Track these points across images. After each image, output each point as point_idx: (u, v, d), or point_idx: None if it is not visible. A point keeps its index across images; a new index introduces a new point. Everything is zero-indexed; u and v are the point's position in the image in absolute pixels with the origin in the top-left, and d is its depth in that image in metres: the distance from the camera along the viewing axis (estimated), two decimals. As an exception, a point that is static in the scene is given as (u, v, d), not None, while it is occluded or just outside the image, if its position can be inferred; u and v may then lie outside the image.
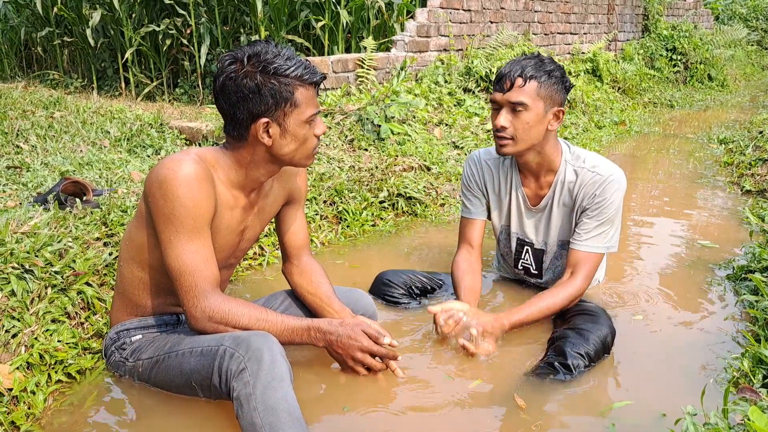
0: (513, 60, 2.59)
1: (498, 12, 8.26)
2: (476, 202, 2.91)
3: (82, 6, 8.17)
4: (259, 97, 2.01)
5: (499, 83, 2.54)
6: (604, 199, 2.61)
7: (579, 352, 2.35)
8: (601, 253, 2.68)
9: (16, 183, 4.02)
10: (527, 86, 2.50)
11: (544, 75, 2.52)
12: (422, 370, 2.39)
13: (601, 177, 2.62)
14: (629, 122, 8.32)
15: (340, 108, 5.47)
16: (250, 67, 2.00)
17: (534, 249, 2.89)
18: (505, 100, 2.53)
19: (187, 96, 8.01)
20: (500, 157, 2.84)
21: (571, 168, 2.70)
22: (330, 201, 4.16)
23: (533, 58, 2.56)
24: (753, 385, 2.12)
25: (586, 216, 2.65)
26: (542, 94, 2.53)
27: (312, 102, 2.09)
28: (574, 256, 2.66)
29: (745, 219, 4.13)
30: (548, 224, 2.80)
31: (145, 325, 2.24)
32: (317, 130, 2.14)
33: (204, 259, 2.02)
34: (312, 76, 2.06)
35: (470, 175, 2.91)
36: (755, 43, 16.31)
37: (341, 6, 7.30)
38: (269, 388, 1.82)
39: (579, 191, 2.67)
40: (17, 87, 7.54)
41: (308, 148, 2.14)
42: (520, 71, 2.50)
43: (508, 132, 2.54)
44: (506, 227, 2.93)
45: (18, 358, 2.24)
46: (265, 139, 2.06)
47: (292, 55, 2.05)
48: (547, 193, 2.75)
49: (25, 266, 2.57)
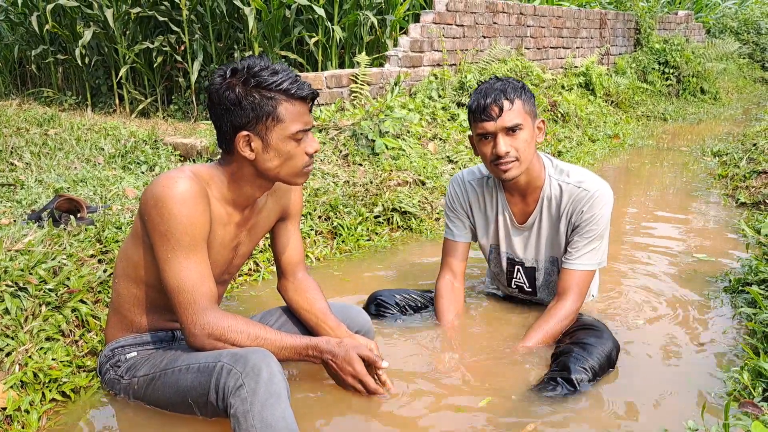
0: (483, 88, 2.58)
1: (491, 27, 8.29)
2: (459, 224, 2.91)
3: (76, 24, 8.18)
4: (240, 110, 2.00)
5: (485, 113, 2.51)
6: (593, 215, 2.61)
7: (583, 367, 2.33)
8: (593, 270, 2.68)
9: (10, 200, 4.00)
10: (515, 107, 2.52)
11: (522, 93, 2.55)
12: (424, 387, 2.37)
13: (588, 192, 2.61)
14: (623, 136, 8.35)
15: (335, 123, 5.47)
16: (235, 79, 2.00)
17: (525, 267, 2.88)
18: (499, 127, 2.52)
19: (181, 112, 8.01)
20: (484, 177, 2.85)
21: (555, 182, 2.69)
22: (325, 216, 4.15)
23: (500, 81, 2.58)
24: (753, 399, 2.11)
25: (576, 234, 2.65)
26: (527, 110, 2.56)
27: (299, 118, 2.04)
28: (568, 276, 2.66)
29: (741, 231, 4.13)
30: (537, 241, 2.79)
31: (140, 342, 2.23)
32: (308, 148, 2.09)
33: (201, 275, 2.01)
34: (299, 91, 2.02)
35: (454, 197, 2.91)
36: (747, 56, 16.39)
37: (334, 22, 7.32)
38: (267, 405, 1.80)
39: (566, 207, 2.66)
40: (11, 104, 7.56)
41: (295, 165, 2.10)
42: (503, 95, 2.51)
43: (512, 155, 2.53)
44: (495, 246, 2.92)
45: (12, 377, 2.22)
46: (247, 152, 2.05)
47: (280, 70, 2.02)
48: (534, 209, 2.75)
49: (19, 284, 2.56)
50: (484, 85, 2.60)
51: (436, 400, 2.28)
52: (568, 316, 2.63)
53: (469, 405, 2.25)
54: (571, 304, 2.63)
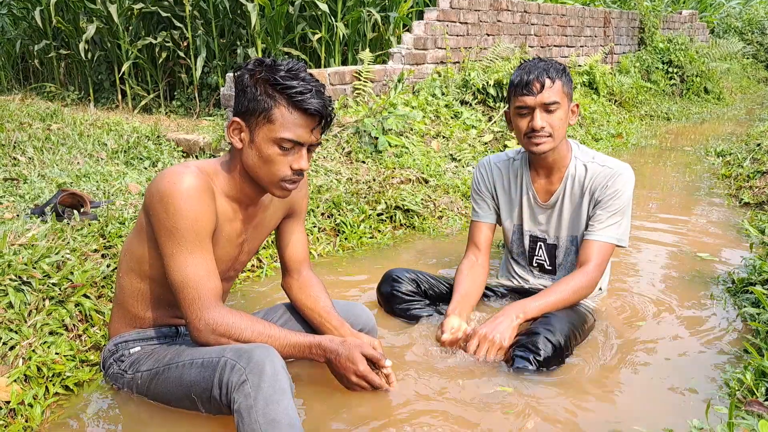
0: (528, 65, 2.69)
1: (495, 25, 8.28)
2: (484, 205, 3.00)
3: (79, 19, 8.18)
4: (243, 97, 2.02)
5: (528, 87, 2.63)
6: (616, 191, 2.71)
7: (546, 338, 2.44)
8: (613, 244, 2.74)
9: (14, 195, 4.00)
10: (555, 86, 2.64)
11: (562, 74, 2.68)
12: (428, 382, 2.37)
13: (611, 170, 2.73)
14: (626, 135, 8.33)
15: (338, 120, 5.46)
16: (255, 69, 2.01)
17: (547, 244, 2.94)
18: (538, 103, 2.63)
19: (183, 108, 8.01)
20: (510, 159, 2.96)
21: (581, 163, 2.80)
22: (328, 213, 4.14)
23: (544, 61, 2.70)
24: (756, 398, 2.11)
25: (599, 208, 2.73)
26: (565, 91, 2.68)
27: (292, 128, 1.99)
28: (588, 246, 2.73)
29: (745, 231, 4.13)
30: (559, 219, 2.87)
31: (144, 337, 2.22)
32: (294, 163, 2.04)
33: (206, 271, 2.01)
34: (302, 102, 1.97)
35: (480, 179, 3.01)
36: (751, 56, 16.38)
37: (338, 19, 7.31)
38: (271, 400, 1.80)
39: (589, 184, 2.76)
40: (14, 99, 7.55)
41: (273, 172, 2.04)
42: (546, 73, 2.63)
43: (546, 130, 2.65)
44: (519, 226, 2.98)
45: (15, 371, 2.22)
46: (235, 140, 2.05)
47: (301, 77, 1.98)
48: (558, 188, 2.83)
49: (22, 278, 2.56)
50: (529, 62, 2.71)
51: (438, 395, 2.28)
52: (584, 285, 2.69)
53: (475, 397, 2.25)
54: (589, 273, 2.69)
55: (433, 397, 2.28)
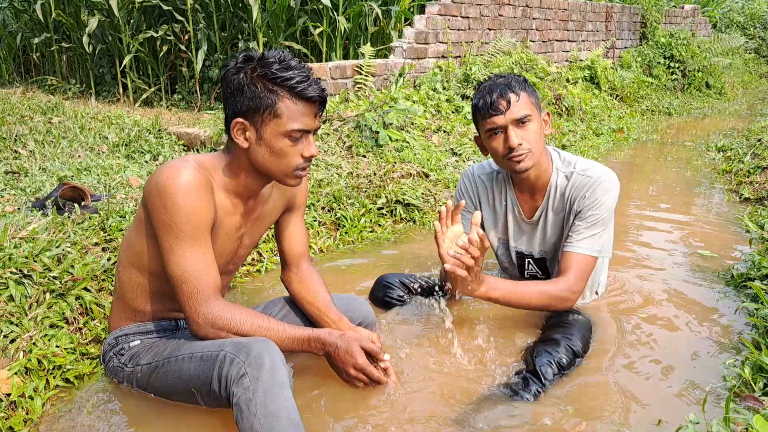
0: (487, 85, 2.60)
1: (496, 19, 8.27)
2: (468, 216, 2.88)
3: (80, 12, 8.17)
4: (241, 97, 2.00)
5: (494, 107, 2.52)
6: (595, 200, 2.60)
7: (549, 361, 2.33)
8: (594, 256, 2.63)
9: (14, 188, 4.01)
10: (521, 99, 2.54)
11: (525, 86, 2.59)
12: (426, 376, 2.37)
13: (591, 179, 2.62)
14: (627, 130, 8.33)
15: (338, 114, 5.47)
16: (246, 66, 2.00)
17: (535, 259, 2.88)
18: (509, 120, 2.53)
19: (185, 102, 8.01)
20: (494, 172, 2.87)
21: (562, 174, 2.70)
22: (328, 207, 4.15)
23: (502, 77, 2.61)
24: (754, 393, 2.12)
25: (578, 219, 2.63)
26: (533, 102, 2.59)
27: (299, 118, 2.01)
28: (566, 258, 2.62)
29: (745, 227, 4.13)
30: (544, 233, 2.79)
31: (143, 331, 2.23)
32: (305, 150, 2.06)
33: (205, 265, 2.01)
34: (305, 91, 1.99)
35: (464, 191, 2.93)
36: (753, 51, 16.35)
37: (339, 13, 7.31)
38: (270, 394, 1.81)
39: (570, 194, 2.66)
40: (15, 92, 7.55)
41: (287, 164, 2.06)
42: (508, 89, 2.54)
43: (524, 147, 2.54)
44: (504, 241, 2.93)
45: (16, 363, 2.23)
46: (240, 140, 2.04)
47: (293, 66, 1.99)
48: (541, 204, 2.75)
49: (23, 271, 2.57)
50: (485, 83, 2.62)
51: (438, 390, 2.29)
52: (559, 290, 2.57)
53: (475, 394, 2.26)
54: (565, 283, 2.58)
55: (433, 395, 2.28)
